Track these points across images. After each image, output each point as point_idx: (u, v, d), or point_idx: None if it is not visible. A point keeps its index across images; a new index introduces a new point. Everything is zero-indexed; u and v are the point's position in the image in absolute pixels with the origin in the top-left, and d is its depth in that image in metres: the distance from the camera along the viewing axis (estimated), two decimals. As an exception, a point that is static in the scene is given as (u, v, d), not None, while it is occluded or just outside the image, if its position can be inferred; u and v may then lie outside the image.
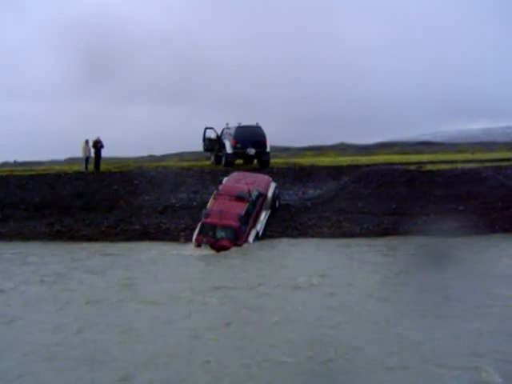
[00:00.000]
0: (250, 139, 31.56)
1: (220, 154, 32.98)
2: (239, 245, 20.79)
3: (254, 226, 22.01)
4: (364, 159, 38.22)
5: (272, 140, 32.68)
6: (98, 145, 30.83)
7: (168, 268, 18.36)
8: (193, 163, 36.53)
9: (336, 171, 30.24)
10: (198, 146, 35.37)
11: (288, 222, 23.43)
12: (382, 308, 13.62)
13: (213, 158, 34.68)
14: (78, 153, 32.01)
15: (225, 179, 24.65)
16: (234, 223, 21.08)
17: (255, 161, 32.84)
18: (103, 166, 31.51)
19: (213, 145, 33.79)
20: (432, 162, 31.39)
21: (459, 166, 27.88)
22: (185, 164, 35.60)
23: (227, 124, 33.29)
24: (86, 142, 31.05)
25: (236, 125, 32.05)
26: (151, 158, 53.01)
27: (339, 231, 22.52)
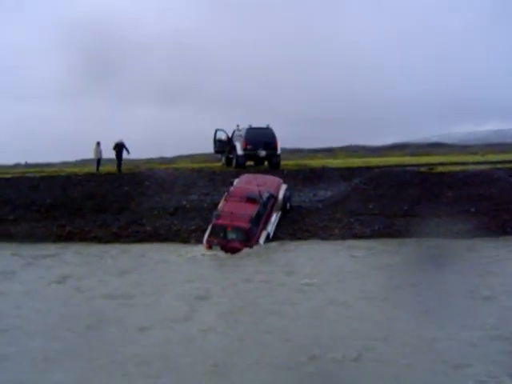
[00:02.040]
0: (261, 141, 31.54)
1: (231, 155, 32.97)
2: (250, 246, 20.77)
3: (264, 227, 21.99)
4: (375, 161, 38.12)
5: (282, 142, 32.69)
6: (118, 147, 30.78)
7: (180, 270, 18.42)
8: (203, 165, 36.57)
9: (347, 173, 30.17)
10: (209, 148, 35.39)
11: (299, 224, 23.39)
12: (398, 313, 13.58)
13: (224, 159, 34.67)
14: (90, 154, 32.14)
15: (236, 181, 24.65)
16: (245, 225, 21.06)
17: (266, 162, 32.82)
18: (113, 168, 31.54)
19: (223, 146, 33.79)
20: (443, 164, 31.30)
21: (470, 167, 27.78)
22: (195, 165, 35.65)
23: (238, 126, 33.29)
24: (98, 143, 31.16)
25: (247, 126, 32.03)
26: (162, 159, 53.07)
27: (350, 233, 22.46)
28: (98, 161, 31.29)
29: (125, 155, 31.16)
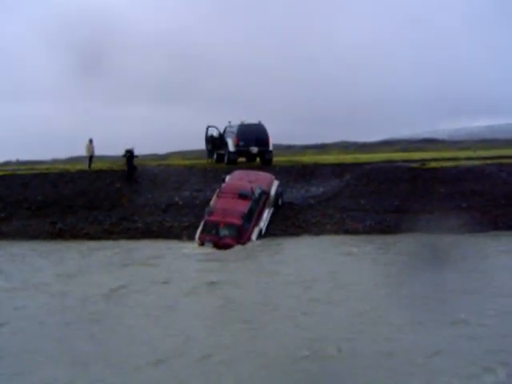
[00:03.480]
0: (253, 137, 31.39)
1: (222, 151, 32.83)
2: (242, 243, 20.79)
3: (257, 223, 22.01)
4: (366, 157, 38.11)
5: (274, 138, 32.55)
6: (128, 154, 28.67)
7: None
8: (196, 161, 36.45)
9: (339, 169, 30.15)
10: (201, 145, 35.19)
11: (291, 220, 23.43)
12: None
13: (208, 155, 34.32)
14: (81, 152, 31.93)
15: (228, 177, 24.63)
16: (237, 221, 21.06)
17: (258, 159, 32.73)
18: (105, 165, 31.32)
19: (213, 143, 33.53)
20: (435, 160, 31.32)
21: (462, 163, 27.85)
22: (187, 162, 35.54)
23: (230, 122, 33.12)
24: (90, 141, 30.88)
25: (238, 123, 31.91)
26: (154, 156, 52.86)
27: (342, 229, 22.53)
28: (91, 158, 31.07)
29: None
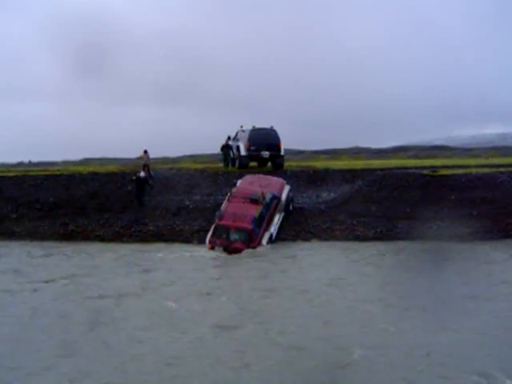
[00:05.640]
0: (265, 142, 31.55)
1: (233, 156, 33.01)
2: (253, 247, 20.79)
3: (267, 228, 22.01)
4: (378, 163, 38.12)
5: (286, 143, 32.67)
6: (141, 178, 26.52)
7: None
8: (207, 165, 36.58)
9: (350, 175, 30.19)
10: (212, 149, 35.37)
11: (302, 225, 23.41)
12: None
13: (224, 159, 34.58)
14: (95, 154, 31.95)
15: (239, 182, 24.68)
16: (248, 225, 21.08)
17: (269, 163, 32.84)
18: (117, 167, 31.42)
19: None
20: (446, 167, 31.26)
21: (473, 170, 27.78)
22: (199, 166, 35.66)
23: (241, 126, 33.27)
24: (145, 151, 29.84)
25: (250, 127, 32.01)
26: (165, 159, 53.09)
27: (353, 235, 22.48)
28: (147, 166, 29.69)
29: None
